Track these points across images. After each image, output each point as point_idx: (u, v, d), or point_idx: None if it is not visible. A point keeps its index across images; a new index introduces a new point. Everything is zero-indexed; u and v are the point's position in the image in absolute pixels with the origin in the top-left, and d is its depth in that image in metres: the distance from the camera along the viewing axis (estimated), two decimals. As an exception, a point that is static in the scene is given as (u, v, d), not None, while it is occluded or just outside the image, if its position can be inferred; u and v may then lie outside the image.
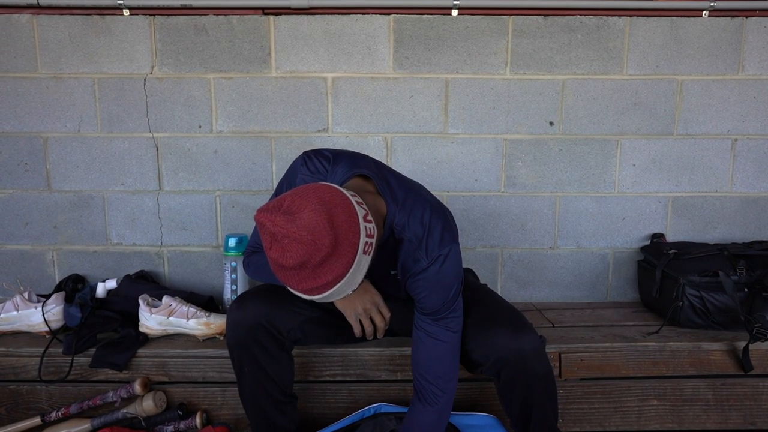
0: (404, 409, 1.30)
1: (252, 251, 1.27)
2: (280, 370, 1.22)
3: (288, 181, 1.18)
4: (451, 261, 1.06)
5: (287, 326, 1.20)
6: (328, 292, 0.90)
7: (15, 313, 1.48)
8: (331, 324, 1.27)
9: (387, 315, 1.21)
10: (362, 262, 0.91)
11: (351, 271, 0.89)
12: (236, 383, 1.25)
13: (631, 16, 1.70)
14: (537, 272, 1.83)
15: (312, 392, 1.42)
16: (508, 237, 1.82)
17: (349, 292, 0.93)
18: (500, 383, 1.17)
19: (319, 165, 1.14)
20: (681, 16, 1.70)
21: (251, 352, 1.18)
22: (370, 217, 0.93)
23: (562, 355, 1.42)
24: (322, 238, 0.84)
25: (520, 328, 1.14)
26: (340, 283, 0.89)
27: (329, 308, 1.25)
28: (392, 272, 1.13)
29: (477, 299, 1.26)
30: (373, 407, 1.36)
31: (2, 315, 1.48)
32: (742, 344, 1.43)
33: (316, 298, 0.91)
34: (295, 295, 1.22)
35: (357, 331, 1.21)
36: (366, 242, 0.91)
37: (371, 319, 1.20)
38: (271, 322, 1.17)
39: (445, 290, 1.07)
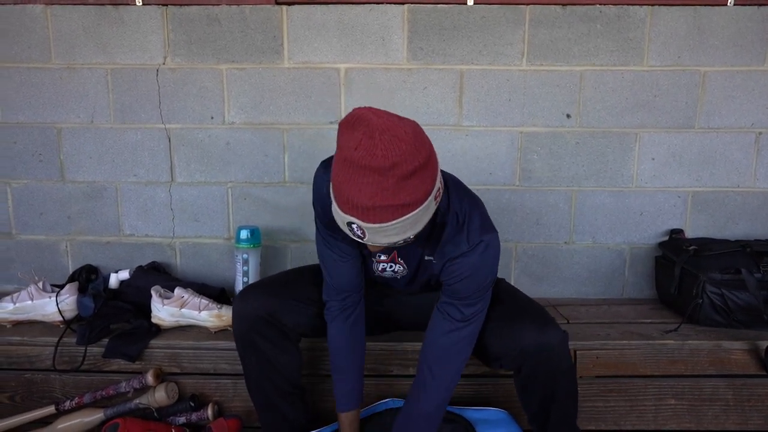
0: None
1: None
2: (285, 360, 1.21)
3: (317, 196, 1.14)
4: (493, 248, 1.03)
5: (293, 321, 1.20)
6: (396, 221, 0.81)
7: (29, 302, 1.49)
8: None
9: None
10: (431, 207, 0.87)
11: (425, 204, 0.84)
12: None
13: (652, 5, 1.65)
14: (551, 267, 1.80)
15: (322, 386, 1.41)
16: (522, 232, 1.79)
17: (409, 234, 0.85)
18: (521, 377, 1.15)
19: None
20: (705, 5, 1.64)
21: (254, 343, 1.18)
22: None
23: (577, 352, 1.40)
24: (422, 147, 0.81)
25: (546, 322, 1.13)
26: (412, 213, 0.82)
27: None
28: (427, 258, 1.08)
29: (498, 293, 1.24)
30: (384, 402, 1.35)
31: (17, 304, 1.49)
32: (764, 344, 1.39)
33: (374, 227, 0.82)
34: (302, 289, 1.22)
35: None
36: (438, 188, 0.88)
37: None
38: (273, 315, 1.17)
39: (482, 277, 1.04)
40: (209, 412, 1.38)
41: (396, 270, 1.18)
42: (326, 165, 1.12)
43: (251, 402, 1.31)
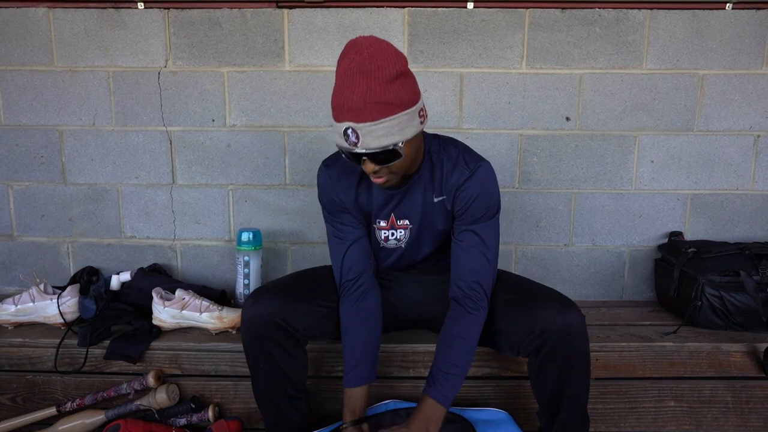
0: (415, 405, 1.30)
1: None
2: (294, 366, 1.21)
3: (322, 190, 1.25)
4: (490, 170, 1.18)
5: (303, 323, 1.20)
6: (385, 119, 0.96)
7: (31, 304, 1.50)
8: None
9: None
10: (415, 120, 1.01)
11: (411, 110, 1.00)
12: (249, 378, 1.25)
13: (651, 8, 1.66)
14: (551, 270, 1.81)
15: (324, 388, 1.41)
16: (522, 234, 1.79)
17: (398, 139, 0.98)
18: (538, 359, 1.15)
19: (337, 155, 1.23)
20: (703, 9, 1.66)
21: (266, 348, 1.17)
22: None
23: (577, 354, 1.40)
24: (401, 59, 0.98)
25: (568, 304, 1.15)
26: (398, 114, 0.97)
27: None
28: (436, 200, 1.19)
29: (510, 281, 1.27)
30: (384, 404, 1.35)
31: (19, 306, 1.50)
32: (763, 346, 1.40)
33: (366, 126, 0.95)
34: (311, 291, 1.23)
35: None
36: (421, 108, 1.04)
37: None
38: (286, 319, 1.17)
39: (489, 194, 1.17)
40: (210, 413, 1.38)
41: (399, 237, 1.25)
42: (327, 162, 1.25)
43: (252, 404, 1.32)
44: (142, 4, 1.67)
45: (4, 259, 1.83)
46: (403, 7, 1.66)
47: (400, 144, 1.00)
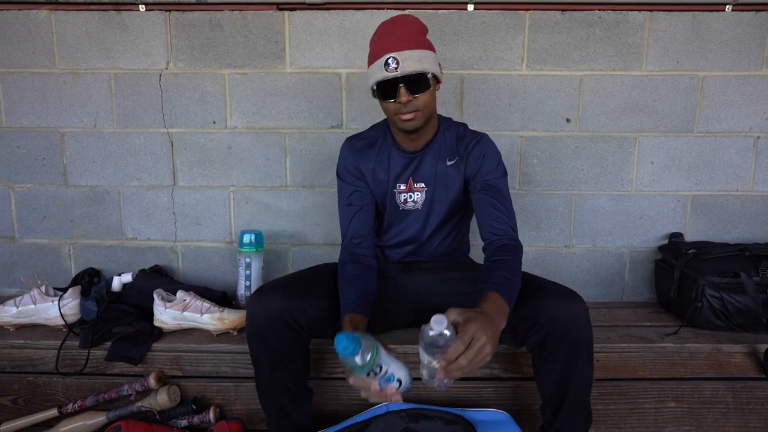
0: (416, 406, 1.30)
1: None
2: (297, 362, 1.22)
3: (341, 160, 1.38)
4: (491, 139, 1.35)
5: (307, 319, 1.20)
6: (418, 50, 1.17)
7: (32, 306, 1.50)
8: None
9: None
10: (438, 65, 1.22)
11: (435, 57, 1.22)
12: (250, 379, 1.25)
13: (651, 10, 1.66)
14: (552, 271, 1.81)
15: (325, 389, 1.42)
16: (522, 236, 1.77)
17: (429, 68, 1.17)
18: (543, 351, 1.15)
19: (362, 132, 1.40)
20: (703, 11, 1.66)
21: (270, 343, 1.18)
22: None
23: (577, 355, 1.40)
24: (425, 26, 1.24)
25: (572, 296, 1.16)
26: (428, 51, 1.19)
27: None
28: (449, 163, 1.34)
29: (521, 277, 1.27)
30: (385, 405, 1.35)
31: (20, 308, 1.50)
32: (763, 347, 1.40)
33: (405, 53, 1.15)
34: (315, 288, 1.25)
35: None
36: (440, 64, 1.25)
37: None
38: (291, 314, 1.18)
39: (496, 154, 1.33)
40: (211, 414, 1.38)
41: (416, 199, 1.36)
42: (350, 137, 1.40)
43: (253, 405, 1.31)
44: (144, 6, 1.68)
45: (5, 260, 1.84)
46: (404, 9, 1.67)
47: (430, 74, 1.18)
